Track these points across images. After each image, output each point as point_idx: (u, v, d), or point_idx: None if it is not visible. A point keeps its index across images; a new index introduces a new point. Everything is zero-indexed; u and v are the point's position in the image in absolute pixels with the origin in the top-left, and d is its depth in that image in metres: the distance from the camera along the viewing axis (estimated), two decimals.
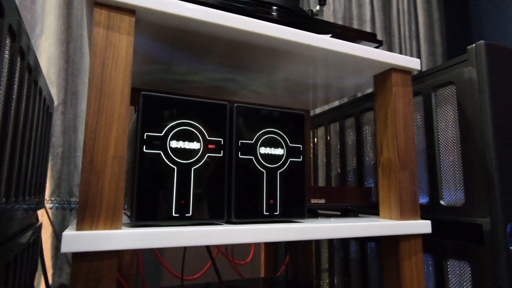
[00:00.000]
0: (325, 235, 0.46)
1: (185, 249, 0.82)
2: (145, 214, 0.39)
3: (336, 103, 1.16)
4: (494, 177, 0.50)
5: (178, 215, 0.40)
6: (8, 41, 0.41)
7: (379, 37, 1.49)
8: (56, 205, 0.95)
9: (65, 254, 0.90)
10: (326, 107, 1.16)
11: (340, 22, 1.41)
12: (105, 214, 0.36)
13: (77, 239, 0.33)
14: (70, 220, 0.96)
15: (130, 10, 0.40)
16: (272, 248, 0.93)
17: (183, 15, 0.42)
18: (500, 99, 0.53)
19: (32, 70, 0.56)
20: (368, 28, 1.46)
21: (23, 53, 0.48)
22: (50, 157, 0.92)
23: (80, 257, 0.34)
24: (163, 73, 0.62)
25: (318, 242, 0.91)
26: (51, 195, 0.93)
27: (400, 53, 1.53)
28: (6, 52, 0.40)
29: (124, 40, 0.39)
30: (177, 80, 0.66)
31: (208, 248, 0.86)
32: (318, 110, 1.17)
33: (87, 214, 0.35)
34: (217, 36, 0.47)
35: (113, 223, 0.36)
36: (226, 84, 0.69)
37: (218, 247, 0.91)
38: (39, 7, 0.95)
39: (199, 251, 0.95)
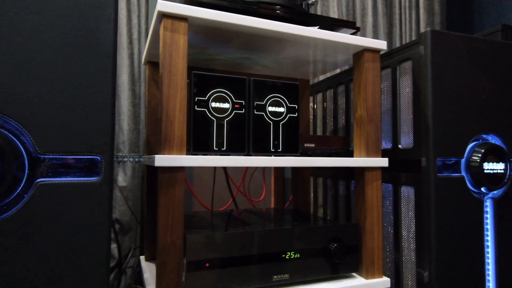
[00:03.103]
0: (313, 163, 0.70)
1: (214, 185, 1.08)
2: (198, 147, 0.63)
3: (337, 70, 1.37)
4: (429, 127, 0.72)
5: (217, 149, 0.65)
6: None
7: (380, 8, 1.65)
8: None
9: (118, 194, 1.17)
10: (329, 74, 1.37)
11: None
12: (175, 146, 0.60)
13: (162, 159, 0.58)
14: (118, 171, 1.22)
15: (185, 19, 0.62)
16: (281, 189, 1.19)
17: (214, 19, 0.64)
18: (438, 70, 0.74)
19: None
20: (369, 0, 1.62)
21: None
22: None
23: (164, 170, 0.59)
24: (198, 54, 0.85)
25: (316, 183, 1.16)
26: None
27: (400, 23, 1.68)
28: None
29: (182, 38, 0.62)
30: (208, 59, 0.88)
31: (229, 188, 1.12)
32: (321, 77, 1.37)
33: (166, 146, 0.60)
34: (236, 31, 0.69)
35: (180, 151, 0.60)
36: (244, 61, 0.91)
37: (237, 187, 1.17)
38: None
39: (222, 192, 1.22)
